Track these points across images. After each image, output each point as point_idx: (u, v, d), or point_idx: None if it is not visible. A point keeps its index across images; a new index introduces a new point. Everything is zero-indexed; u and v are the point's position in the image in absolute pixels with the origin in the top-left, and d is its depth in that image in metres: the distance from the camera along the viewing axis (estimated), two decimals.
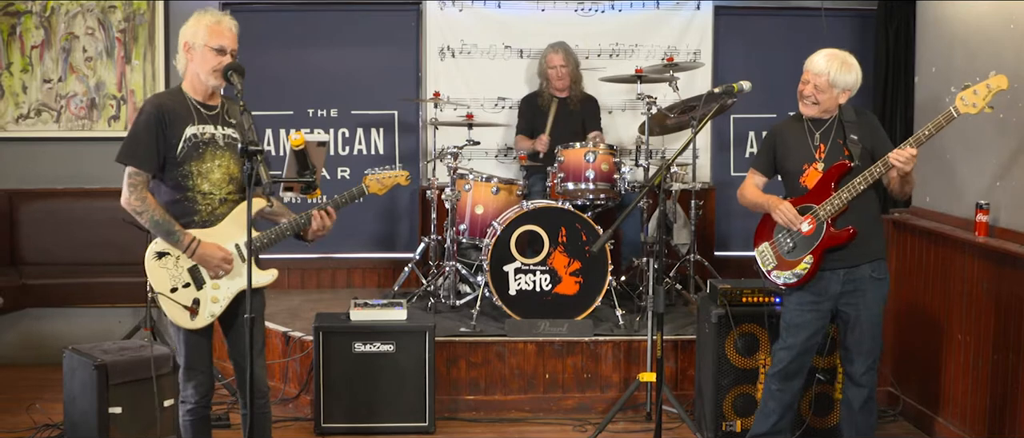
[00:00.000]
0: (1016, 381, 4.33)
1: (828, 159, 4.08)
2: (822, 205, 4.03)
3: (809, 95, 4.09)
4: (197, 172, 3.65)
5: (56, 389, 4.80)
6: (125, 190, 3.63)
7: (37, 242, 6.31)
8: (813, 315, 4.14)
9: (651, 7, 6.65)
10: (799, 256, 4.08)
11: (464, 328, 5.39)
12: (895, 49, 6.12)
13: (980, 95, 3.82)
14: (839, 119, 4.13)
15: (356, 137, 6.71)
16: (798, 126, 4.19)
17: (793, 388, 4.23)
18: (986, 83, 3.83)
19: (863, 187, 3.97)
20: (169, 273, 3.68)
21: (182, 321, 3.69)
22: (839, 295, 4.11)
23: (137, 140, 3.63)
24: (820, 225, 4.04)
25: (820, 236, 4.04)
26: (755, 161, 4.33)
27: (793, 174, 4.15)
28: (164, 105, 3.65)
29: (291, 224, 3.70)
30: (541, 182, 6.09)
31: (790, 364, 4.18)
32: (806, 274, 4.07)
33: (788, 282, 4.13)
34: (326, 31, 6.61)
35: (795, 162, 4.14)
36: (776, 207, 4.10)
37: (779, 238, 4.15)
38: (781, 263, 4.14)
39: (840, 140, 4.09)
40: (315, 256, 6.59)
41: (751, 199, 4.26)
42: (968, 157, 4.85)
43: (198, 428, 3.81)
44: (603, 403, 5.26)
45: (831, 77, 4.05)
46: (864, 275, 4.09)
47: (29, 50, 6.37)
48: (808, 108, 4.12)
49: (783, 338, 4.21)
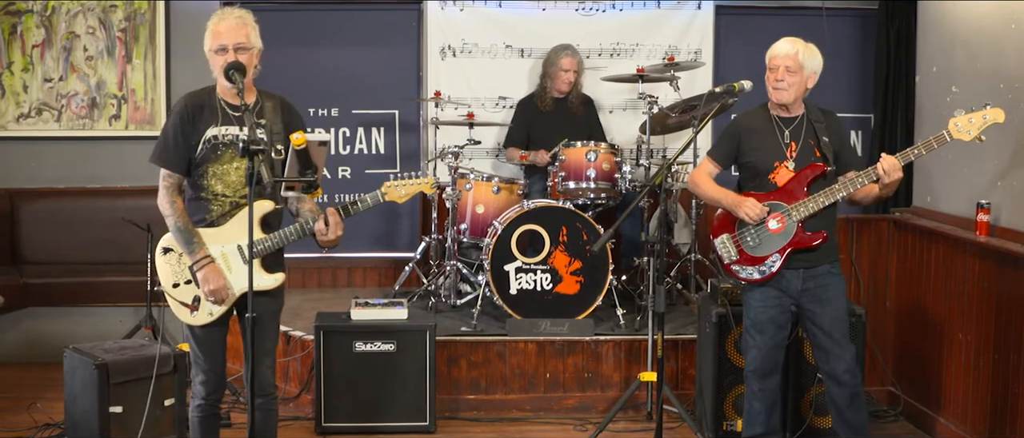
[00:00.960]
0: (1017, 381, 4.33)
1: (800, 159, 4.08)
2: (795, 206, 4.03)
3: (781, 78, 4.04)
4: (212, 173, 3.66)
5: (57, 388, 4.80)
6: (160, 190, 3.69)
7: (38, 241, 6.31)
8: (777, 310, 4.15)
9: (652, 6, 6.64)
10: (764, 253, 4.08)
11: (465, 327, 5.39)
12: (896, 49, 6.12)
13: (975, 123, 3.86)
14: (807, 118, 4.12)
15: (357, 136, 6.71)
16: (766, 121, 4.16)
17: (772, 385, 4.23)
18: (982, 113, 3.85)
19: (841, 195, 4.00)
20: (173, 268, 3.72)
21: (183, 316, 3.73)
22: (800, 292, 4.12)
23: (167, 141, 3.68)
24: (790, 225, 4.04)
25: (790, 236, 4.04)
26: (715, 151, 4.28)
27: (761, 170, 4.12)
28: (190, 105, 3.67)
29: (296, 229, 3.70)
30: (542, 181, 6.09)
31: (764, 362, 4.19)
32: (771, 273, 4.08)
33: (751, 277, 4.13)
34: (327, 30, 6.61)
35: (764, 158, 4.12)
36: (741, 205, 4.07)
37: (742, 232, 4.13)
38: (743, 257, 4.13)
39: (811, 140, 4.09)
40: (316, 255, 6.59)
41: (709, 193, 4.21)
42: (969, 157, 4.85)
43: (206, 425, 3.82)
44: (604, 402, 5.26)
45: (800, 58, 4.04)
46: (823, 272, 4.11)
47: (30, 49, 6.37)
48: (781, 93, 4.05)
49: (751, 337, 4.21)
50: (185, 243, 3.66)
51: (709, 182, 4.23)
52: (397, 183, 3.76)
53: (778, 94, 4.08)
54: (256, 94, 3.74)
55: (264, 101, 3.72)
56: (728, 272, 4.20)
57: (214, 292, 3.66)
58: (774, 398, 4.27)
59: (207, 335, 3.74)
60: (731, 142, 4.22)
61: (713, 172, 4.25)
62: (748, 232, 4.11)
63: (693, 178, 4.29)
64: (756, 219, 4.06)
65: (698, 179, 4.26)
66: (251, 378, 3.61)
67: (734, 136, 4.22)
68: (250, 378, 3.61)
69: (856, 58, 6.70)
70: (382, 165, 6.70)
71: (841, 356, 4.12)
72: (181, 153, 3.66)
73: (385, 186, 3.76)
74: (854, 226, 5.47)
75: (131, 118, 6.44)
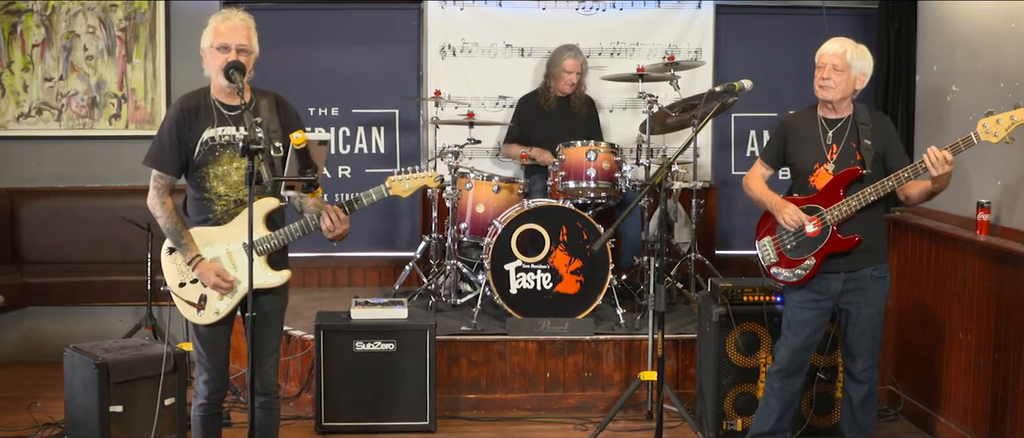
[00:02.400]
0: (1017, 380, 4.33)
1: (839, 162, 4.05)
2: (829, 210, 4.02)
3: (827, 76, 4.02)
4: (212, 175, 3.67)
5: (57, 388, 4.80)
6: (150, 191, 3.71)
7: (38, 241, 6.31)
8: (814, 313, 4.14)
9: (652, 6, 6.64)
10: (801, 256, 4.08)
11: (465, 327, 5.39)
12: (896, 48, 6.11)
13: (1003, 125, 3.77)
14: (853, 120, 4.09)
15: (357, 136, 6.71)
16: (811, 122, 4.15)
17: (794, 386, 4.23)
18: (1011, 114, 3.76)
19: (873, 198, 3.96)
20: (178, 268, 3.73)
21: (189, 315, 3.74)
22: (840, 294, 4.11)
23: (161, 143, 3.69)
24: (825, 229, 4.03)
25: (824, 240, 4.03)
26: (764, 152, 4.30)
27: (803, 172, 4.13)
28: (185, 107, 3.68)
29: (300, 226, 3.70)
30: (542, 181, 6.09)
31: (791, 362, 4.18)
32: (807, 275, 4.07)
33: (788, 280, 4.13)
34: (327, 30, 6.61)
35: (806, 160, 4.12)
36: (782, 210, 4.09)
37: (782, 235, 4.14)
38: (782, 260, 4.14)
39: (853, 143, 4.06)
40: (316, 255, 6.59)
41: (757, 194, 4.24)
42: (970, 156, 4.82)
43: (208, 424, 3.83)
44: (604, 402, 5.26)
45: (848, 57, 4.03)
46: (865, 275, 4.09)
47: (30, 49, 6.37)
48: (827, 91, 4.03)
49: (784, 336, 4.21)
50: (175, 242, 3.70)
51: (759, 183, 4.25)
52: (401, 177, 3.77)
53: (823, 92, 4.06)
54: (250, 92, 3.74)
55: (259, 99, 3.72)
56: (768, 274, 4.20)
57: (216, 285, 3.67)
58: (792, 399, 4.27)
59: (212, 334, 3.75)
60: (778, 143, 4.23)
61: (765, 174, 4.27)
62: (787, 235, 4.12)
63: (745, 180, 4.30)
64: (793, 226, 4.06)
65: (749, 181, 4.28)
66: (252, 377, 3.62)
67: (780, 137, 4.23)
68: (251, 377, 3.62)
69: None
70: (382, 164, 6.70)
71: (864, 355, 4.13)
72: (176, 156, 3.67)
73: (389, 180, 3.76)
74: None
75: (131, 118, 6.44)
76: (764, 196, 4.21)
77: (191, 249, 3.67)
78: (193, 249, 3.67)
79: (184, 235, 3.68)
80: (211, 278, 3.66)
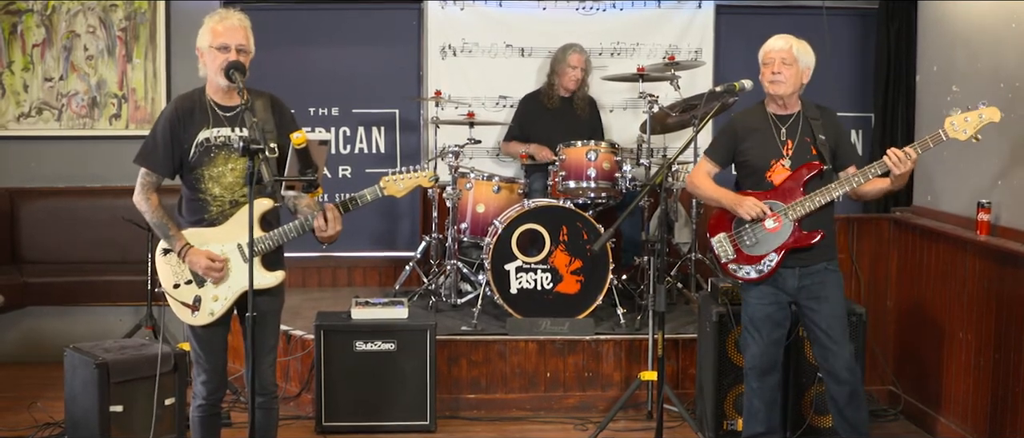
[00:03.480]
0: (1017, 380, 4.33)
1: (796, 157, 4.07)
2: (792, 205, 4.03)
3: (777, 71, 4.03)
4: (208, 176, 3.67)
5: (57, 387, 4.80)
6: (136, 187, 3.71)
7: (38, 241, 6.31)
8: (774, 308, 4.15)
9: (652, 6, 6.64)
10: (761, 252, 4.08)
11: (465, 327, 5.39)
12: (896, 48, 6.12)
13: (971, 122, 3.83)
14: (804, 115, 4.11)
15: (357, 136, 6.71)
16: (763, 119, 4.15)
17: (772, 383, 4.23)
18: (978, 112, 3.82)
19: (838, 193, 3.99)
20: (173, 269, 3.72)
21: (184, 317, 3.74)
22: (797, 290, 4.11)
23: (153, 143, 3.69)
24: (787, 224, 4.03)
25: (786, 236, 4.04)
26: (712, 150, 4.27)
27: (758, 169, 4.12)
28: (180, 108, 3.68)
29: (296, 226, 3.70)
30: (542, 181, 6.09)
31: (762, 359, 4.19)
32: (768, 271, 4.08)
33: (747, 276, 4.13)
34: (327, 30, 6.61)
35: (761, 157, 4.11)
36: (741, 202, 4.07)
37: (739, 232, 4.13)
38: (740, 256, 4.13)
39: (808, 138, 4.08)
40: (316, 255, 6.59)
41: (707, 192, 4.21)
42: (969, 156, 4.85)
43: (207, 425, 3.83)
44: (604, 402, 5.26)
45: (794, 51, 4.05)
46: (820, 269, 4.10)
47: (30, 48, 6.37)
48: (778, 85, 4.04)
49: (749, 334, 4.21)
50: (163, 236, 3.70)
51: (708, 182, 4.23)
52: (395, 177, 3.76)
53: (775, 87, 4.06)
54: (247, 93, 3.74)
55: (254, 100, 3.71)
56: (725, 271, 4.20)
57: (207, 270, 3.66)
58: (773, 396, 4.27)
59: (208, 335, 3.75)
60: (728, 141, 4.21)
61: (712, 172, 4.25)
62: (745, 231, 4.11)
63: (691, 179, 4.28)
64: (756, 216, 4.06)
65: (696, 180, 4.25)
66: (251, 377, 3.62)
67: (731, 135, 4.21)
68: (250, 377, 3.62)
69: (856, 57, 6.70)
70: (382, 164, 6.70)
71: (839, 354, 4.11)
72: (168, 156, 3.66)
73: (384, 180, 3.76)
74: (854, 225, 5.47)
75: (131, 117, 6.44)
76: (716, 193, 4.19)
77: (179, 239, 3.67)
78: (181, 239, 3.67)
79: (171, 227, 3.68)
80: (202, 263, 3.65)
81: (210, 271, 3.66)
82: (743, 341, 4.29)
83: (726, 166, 4.26)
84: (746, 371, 4.27)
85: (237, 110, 3.64)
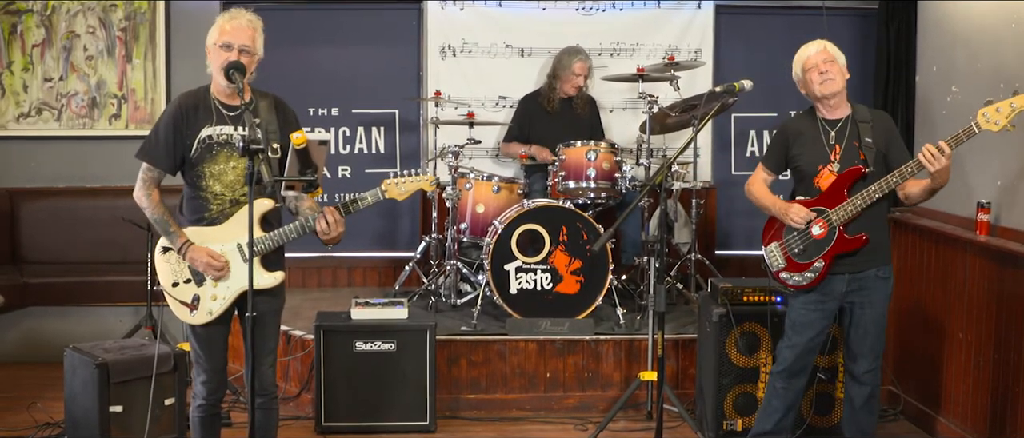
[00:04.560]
0: (1017, 380, 4.33)
1: (843, 162, 4.05)
2: (834, 210, 4.01)
3: (825, 70, 4.02)
4: (209, 173, 3.67)
5: (57, 388, 4.80)
6: (137, 182, 3.71)
7: (38, 241, 6.31)
8: (818, 314, 4.13)
9: (652, 6, 6.64)
10: (809, 259, 4.07)
11: (465, 327, 5.39)
12: (896, 48, 6.11)
13: (1003, 113, 3.74)
14: (853, 119, 4.09)
15: (357, 136, 6.71)
16: (812, 124, 4.14)
17: (797, 386, 4.23)
18: (1010, 101, 3.74)
19: (878, 196, 3.95)
20: (172, 268, 3.72)
21: (182, 315, 3.74)
22: (845, 294, 4.10)
23: (156, 138, 3.69)
24: (832, 230, 4.02)
25: (832, 241, 4.02)
26: (766, 158, 4.29)
27: (807, 175, 4.12)
28: (184, 105, 3.68)
29: (296, 227, 3.70)
30: (542, 181, 6.09)
31: (795, 362, 4.18)
32: (816, 278, 4.06)
33: (798, 284, 4.12)
34: (327, 30, 6.61)
35: (809, 163, 4.11)
36: (787, 211, 4.08)
37: (789, 239, 4.13)
38: (790, 264, 4.13)
39: (855, 142, 4.05)
40: (316, 255, 6.59)
41: (760, 199, 4.23)
42: (970, 156, 4.84)
43: (207, 425, 3.83)
44: (604, 402, 5.26)
45: (830, 50, 4.06)
46: (870, 275, 4.08)
47: (30, 49, 6.37)
48: (830, 84, 4.02)
49: (788, 336, 4.20)
50: (164, 232, 3.70)
51: (763, 189, 4.24)
52: (397, 180, 3.76)
53: (827, 85, 4.04)
54: (250, 93, 3.74)
55: (258, 100, 3.72)
56: (777, 280, 4.19)
57: (207, 267, 3.66)
58: (796, 400, 4.27)
59: (208, 334, 3.75)
60: (780, 148, 4.22)
61: (767, 179, 4.26)
62: (794, 239, 4.11)
63: (748, 186, 4.29)
64: (801, 223, 4.05)
65: (752, 187, 4.27)
66: (251, 377, 3.62)
67: (782, 141, 4.21)
68: (250, 377, 3.62)
69: (856, 58, 6.68)
70: (382, 165, 6.70)
71: (867, 356, 4.13)
72: (170, 151, 3.66)
73: (385, 184, 3.75)
74: None
75: (131, 118, 6.44)
76: (767, 200, 4.20)
77: (180, 236, 3.67)
78: (181, 236, 3.67)
79: (172, 223, 3.68)
80: (203, 259, 3.65)
81: (210, 268, 3.66)
82: (780, 342, 4.29)
83: (779, 173, 4.27)
84: (774, 372, 4.26)
85: (240, 109, 3.64)
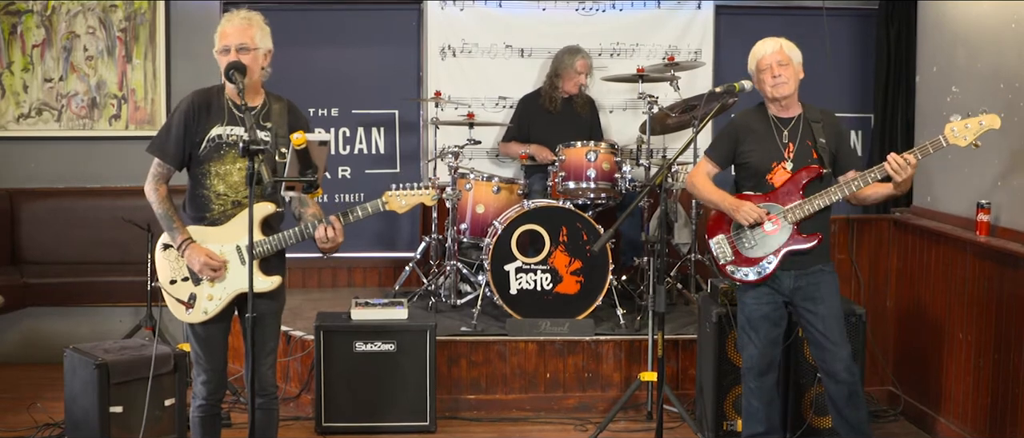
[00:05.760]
0: (1017, 380, 4.33)
1: (797, 160, 4.06)
2: (790, 208, 4.02)
3: (777, 73, 4.03)
4: (214, 172, 3.68)
5: (57, 388, 4.80)
6: (148, 177, 3.73)
7: (38, 241, 6.31)
8: (770, 307, 4.15)
9: (652, 6, 6.64)
10: (759, 254, 4.08)
11: (465, 327, 5.39)
12: (896, 48, 6.12)
13: (971, 129, 3.79)
14: (805, 118, 4.11)
15: (357, 136, 6.71)
16: (764, 121, 4.15)
17: (769, 383, 4.23)
18: (979, 119, 3.79)
19: (838, 197, 3.98)
20: (171, 265, 3.73)
21: (178, 313, 3.75)
22: (793, 290, 4.11)
23: (167, 133, 3.71)
24: (785, 227, 4.03)
25: (785, 238, 4.04)
26: (713, 151, 4.26)
27: (759, 171, 4.11)
28: (196, 102, 3.70)
29: (295, 233, 3.71)
30: (542, 181, 6.09)
31: (760, 359, 4.19)
32: (767, 273, 4.08)
33: (746, 278, 4.13)
34: (327, 30, 6.61)
35: (762, 159, 4.10)
36: (739, 207, 4.07)
37: (738, 234, 4.13)
38: (739, 258, 4.13)
39: (809, 141, 4.07)
40: (316, 255, 6.58)
41: (706, 195, 4.21)
42: (969, 156, 4.84)
43: (207, 425, 3.83)
44: (604, 402, 5.26)
45: (786, 50, 4.07)
46: (815, 270, 4.10)
47: (30, 49, 6.37)
48: (781, 87, 4.03)
49: (747, 335, 4.21)
50: (167, 227, 3.71)
51: (707, 183, 4.22)
52: (399, 193, 3.78)
53: (779, 89, 4.05)
54: (264, 96, 3.75)
55: (272, 103, 3.74)
56: (723, 272, 4.20)
57: (204, 268, 3.66)
58: (771, 396, 4.27)
59: (208, 334, 3.75)
60: (729, 142, 4.21)
61: (711, 172, 4.24)
62: (744, 234, 4.11)
63: (691, 179, 4.28)
64: (752, 221, 4.06)
65: (696, 180, 4.25)
66: (251, 378, 3.62)
67: (732, 136, 4.21)
68: (250, 378, 3.62)
69: (856, 58, 6.71)
70: (382, 165, 6.70)
71: (837, 354, 4.11)
72: (180, 146, 3.68)
73: (387, 195, 3.77)
74: (854, 226, 5.47)
75: (131, 118, 6.44)
76: (714, 195, 4.18)
77: (182, 233, 3.68)
78: (183, 233, 3.68)
79: (175, 220, 3.69)
80: (201, 259, 3.65)
81: (206, 268, 3.66)
82: (740, 342, 4.30)
83: (726, 167, 4.26)
84: (744, 371, 4.27)
85: (252, 111, 3.66)
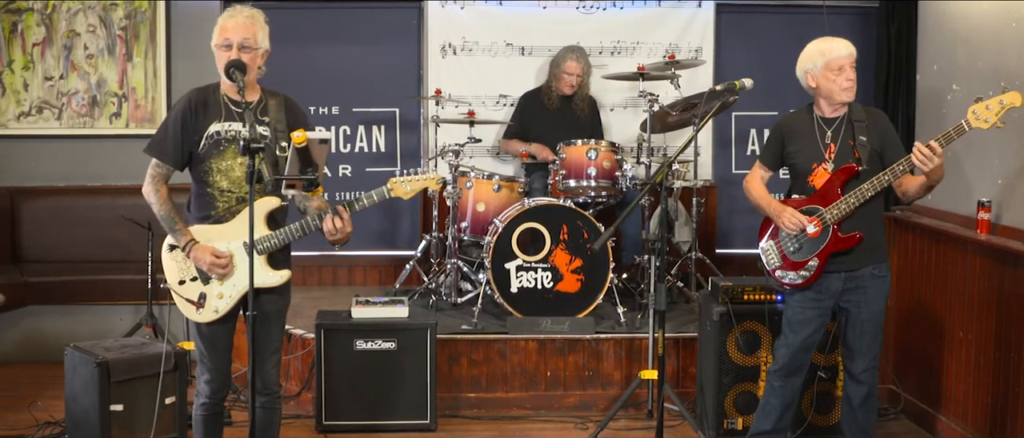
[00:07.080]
0: (1018, 379, 4.33)
1: (837, 160, 4.04)
2: (828, 209, 4.01)
3: (852, 76, 4.00)
4: (216, 169, 3.68)
5: (57, 387, 4.80)
6: (146, 178, 3.72)
7: (38, 240, 6.31)
8: (815, 312, 4.13)
9: (653, 5, 6.64)
10: (804, 257, 4.07)
11: (465, 326, 5.39)
12: (896, 47, 6.11)
13: (993, 110, 3.74)
14: (849, 117, 4.08)
15: (358, 134, 6.71)
16: (808, 122, 4.14)
17: (794, 385, 4.24)
18: (999, 99, 3.73)
19: (871, 194, 3.94)
20: (179, 266, 3.73)
21: (188, 313, 3.75)
22: (841, 293, 4.10)
23: (165, 133, 3.71)
24: (826, 228, 4.02)
25: (826, 239, 4.02)
26: (762, 155, 4.29)
27: (802, 173, 4.12)
28: (194, 100, 3.70)
29: (300, 227, 3.70)
30: (542, 179, 6.09)
31: (792, 361, 4.18)
32: (811, 276, 4.06)
33: (793, 282, 4.12)
34: (328, 28, 6.61)
35: (804, 161, 4.11)
36: (781, 214, 4.08)
37: (784, 238, 4.13)
38: (786, 263, 4.13)
39: (850, 141, 4.04)
40: (316, 253, 6.59)
41: (757, 198, 4.23)
42: (970, 155, 4.85)
43: (209, 423, 3.83)
44: (605, 401, 5.26)
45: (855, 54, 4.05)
46: (866, 274, 4.08)
47: (31, 47, 6.37)
48: (850, 92, 4.01)
49: (784, 335, 4.21)
50: (170, 229, 3.70)
51: (759, 187, 4.24)
52: (403, 179, 3.77)
53: (848, 93, 4.02)
54: (260, 92, 3.76)
55: (268, 99, 3.74)
56: (773, 278, 4.19)
57: (212, 267, 3.66)
58: (793, 398, 4.27)
59: (213, 333, 3.75)
60: (775, 144, 4.22)
61: (764, 176, 4.26)
62: (789, 237, 4.11)
63: (746, 184, 4.29)
64: (793, 229, 4.05)
65: (749, 184, 4.27)
66: (252, 376, 3.61)
67: (778, 138, 4.21)
68: (251, 376, 3.62)
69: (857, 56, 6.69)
70: (383, 163, 6.70)
71: (865, 355, 4.13)
72: (178, 146, 3.68)
73: (391, 182, 3.76)
74: None
75: (132, 116, 6.44)
76: (762, 201, 4.20)
77: (185, 234, 3.68)
78: (186, 234, 3.68)
79: (177, 221, 3.69)
80: (207, 259, 3.66)
81: (214, 268, 3.66)
82: (777, 341, 4.29)
83: (776, 170, 4.27)
84: (771, 370, 4.27)
85: (249, 107, 3.65)
